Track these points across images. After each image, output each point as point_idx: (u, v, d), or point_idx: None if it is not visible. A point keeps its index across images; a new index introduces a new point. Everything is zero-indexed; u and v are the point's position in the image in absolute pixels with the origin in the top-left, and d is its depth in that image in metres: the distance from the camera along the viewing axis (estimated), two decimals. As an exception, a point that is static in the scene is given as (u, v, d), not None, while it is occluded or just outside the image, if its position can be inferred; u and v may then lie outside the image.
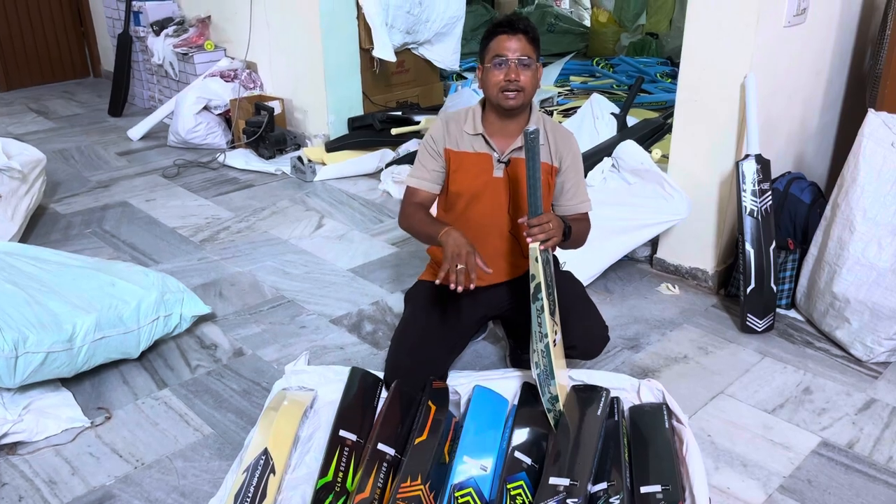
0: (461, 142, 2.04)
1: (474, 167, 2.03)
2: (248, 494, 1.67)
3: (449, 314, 2.10)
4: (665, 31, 6.52)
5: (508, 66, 1.90)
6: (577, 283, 2.20)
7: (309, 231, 3.35)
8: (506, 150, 2.01)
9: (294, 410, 1.96)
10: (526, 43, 1.92)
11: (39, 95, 5.80)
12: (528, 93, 1.94)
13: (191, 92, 4.40)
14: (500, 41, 1.92)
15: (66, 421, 2.07)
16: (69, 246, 3.15)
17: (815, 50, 2.77)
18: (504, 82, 1.91)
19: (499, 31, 1.93)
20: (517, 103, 1.94)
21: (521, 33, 1.91)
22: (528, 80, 1.92)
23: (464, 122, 2.05)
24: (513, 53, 1.90)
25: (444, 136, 2.05)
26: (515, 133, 2.01)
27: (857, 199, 2.32)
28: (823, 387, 2.23)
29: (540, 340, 1.84)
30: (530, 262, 1.82)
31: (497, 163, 2.02)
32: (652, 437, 1.83)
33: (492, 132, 2.02)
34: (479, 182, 2.03)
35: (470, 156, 2.03)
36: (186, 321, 2.46)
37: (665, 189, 2.72)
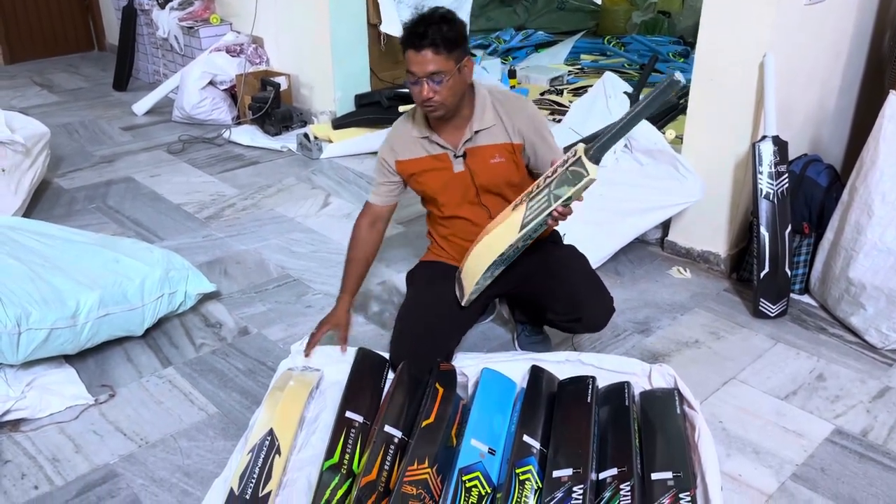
0: (413, 148, 1.99)
1: (433, 168, 1.99)
2: (252, 475, 1.65)
3: (451, 293, 2.07)
4: (678, 10, 6.42)
5: (421, 85, 1.80)
6: (580, 256, 2.14)
7: (315, 209, 3.31)
8: (459, 144, 1.95)
9: (300, 391, 1.93)
10: (435, 56, 1.77)
11: (43, 69, 5.74)
12: (449, 104, 1.85)
13: (196, 66, 4.34)
14: (409, 57, 1.80)
15: (70, 398, 2.05)
16: (73, 221, 3.12)
17: (834, 30, 2.71)
18: (421, 99, 1.83)
19: (408, 44, 1.79)
20: (440, 115, 1.87)
21: (427, 48, 1.76)
22: (445, 92, 1.81)
23: (410, 127, 1.99)
24: (422, 71, 1.78)
25: (391, 152, 2.02)
26: (463, 125, 1.94)
27: (875, 182, 2.27)
28: (837, 374, 2.20)
29: (522, 239, 1.81)
30: (578, 188, 1.69)
31: (454, 158, 1.97)
32: (663, 423, 1.80)
33: (440, 130, 1.96)
34: (442, 182, 2.00)
35: (425, 159, 1.99)
36: (191, 299, 2.43)
37: (678, 170, 2.67)
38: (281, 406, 1.84)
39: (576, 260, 2.10)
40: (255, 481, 1.64)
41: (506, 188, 1.99)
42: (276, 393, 1.90)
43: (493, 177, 1.97)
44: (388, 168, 2.04)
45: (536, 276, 2.05)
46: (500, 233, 1.86)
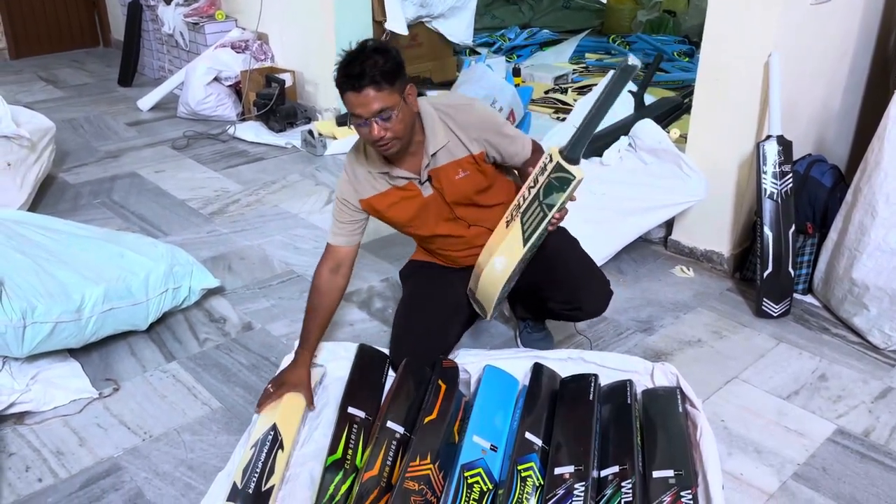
0: (375, 184, 1.92)
1: (402, 199, 1.93)
2: (255, 469, 1.66)
3: (445, 288, 2.07)
4: (683, 9, 6.41)
5: (370, 126, 1.71)
6: (572, 241, 2.13)
7: (319, 206, 3.32)
8: (421, 169, 1.88)
9: None
10: (378, 93, 1.67)
11: (48, 64, 5.76)
12: (403, 135, 1.76)
13: (201, 63, 4.35)
14: (348, 100, 1.70)
15: (74, 392, 2.06)
16: (78, 216, 3.13)
17: (840, 30, 2.70)
18: (373, 140, 1.74)
19: (346, 86, 1.69)
20: (395, 150, 1.79)
21: (367, 87, 1.66)
22: (396, 127, 1.73)
23: (364, 163, 1.91)
24: (367, 111, 1.68)
25: (353, 192, 1.93)
26: (418, 152, 1.87)
27: (880, 183, 2.27)
28: (839, 374, 2.20)
29: (529, 251, 1.81)
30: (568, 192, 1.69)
31: (420, 185, 1.91)
32: (665, 421, 1.80)
33: (398, 163, 1.88)
34: (415, 209, 1.94)
35: (391, 192, 1.92)
36: (195, 294, 2.44)
37: (682, 169, 2.67)
38: (284, 401, 1.85)
39: (568, 246, 2.08)
40: (259, 475, 1.65)
41: (476, 196, 1.96)
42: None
43: (463, 191, 1.93)
44: (350, 206, 1.95)
45: (532, 269, 2.04)
46: (505, 252, 1.86)
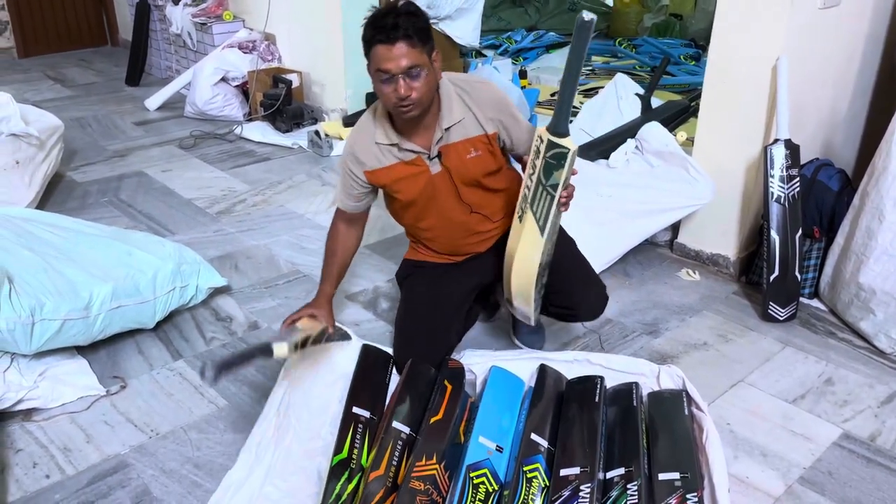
0: (382, 157, 1.88)
1: (409, 175, 1.89)
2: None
3: (442, 288, 2.07)
4: (689, 13, 6.41)
5: (396, 83, 1.68)
6: (569, 242, 2.12)
7: (325, 206, 3.33)
8: (431, 145, 1.86)
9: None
10: (410, 49, 1.65)
11: (56, 63, 5.78)
12: (425, 98, 1.73)
13: (208, 63, 4.37)
14: (379, 53, 1.67)
15: (82, 389, 2.07)
16: (86, 214, 3.14)
17: (848, 34, 2.70)
18: (396, 99, 1.70)
19: (375, 40, 1.67)
20: (417, 114, 1.75)
21: (400, 40, 1.64)
22: (421, 87, 1.70)
23: (373, 134, 1.87)
24: (396, 66, 1.66)
25: (358, 162, 1.90)
26: (432, 124, 1.84)
27: (887, 187, 2.27)
28: (846, 378, 2.19)
29: (549, 240, 1.82)
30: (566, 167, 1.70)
31: (430, 160, 1.88)
32: (671, 423, 1.80)
33: (409, 135, 1.85)
34: (421, 186, 1.91)
35: (398, 167, 1.89)
36: (202, 293, 2.45)
37: (689, 172, 2.67)
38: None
39: (566, 251, 2.07)
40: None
41: (484, 178, 1.93)
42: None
43: (471, 172, 1.90)
44: (356, 179, 1.92)
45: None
46: (526, 247, 1.86)
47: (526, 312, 2.01)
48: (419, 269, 2.13)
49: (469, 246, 2.06)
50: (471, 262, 2.10)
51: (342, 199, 2.00)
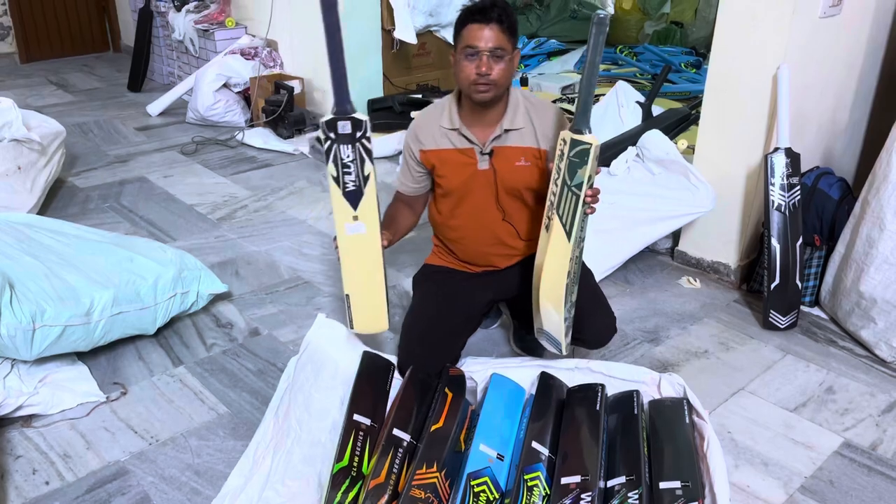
0: (439, 139, 1.97)
1: (458, 162, 1.96)
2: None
3: (457, 298, 2.08)
4: (690, 21, 6.42)
5: (480, 59, 1.79)
6: (586, 273, 2.15)
7: (326, 212, 3.33)
8: (487, 141, 1.93)
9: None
10: (499, 33, 1.78)
11: (58, 68, 5.80)
12: (501, 85, 1.84)
13: (210, 69, 4.38)
14: (471, 31, 1.79)
15: (82, 395, 2.07)
16: (87, 220, 3.14)
17: (849, 43, 2.71)
18: (475, 75, 1.80)
19: (471, 20, 1.79)
20: (489, 97, 1.84)
21: (494, 22, 1.78)
22: (500, 72, 1.81)
23: (439, 117, 1.97)
24: (485, 44, 1.78)
25: (417, 141, 2.00)
26: (494, 122, 1.93)
27: (888, 196, 2.27)
28: (846, 387, 2.19)
29: (577, 245, 1.83)
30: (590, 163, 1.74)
31: (480, 155, 1.95)
32: (672, 432, 1.80)
33: (470, 124, 1.94)
34: (465, 177, 1.97)
35: (450, 152, 1.96)
36: (203, 299, 2.45)
37: (690, 180, 2.67)
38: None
39: (583, 279, 2.08)
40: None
41: (526, 192, 1.98)
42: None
43: (516, 179, 1.96)
44: (413, 157, 2.02)
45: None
46: (554, 255, 1.86)
47: (556, 339, 1.99)
48: (438, 273, 2.14)
49: (492, 256, 2.08)
50: (489, 276, 2.12)
51: (401, 181, 2.10)
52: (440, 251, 2.19)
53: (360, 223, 1.85)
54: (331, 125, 1.79)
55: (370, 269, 1.91)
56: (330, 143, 1.81)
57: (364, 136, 1.80)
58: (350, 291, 1.93)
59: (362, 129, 1.79)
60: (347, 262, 1.90)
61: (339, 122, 1.79)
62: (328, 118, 1.79)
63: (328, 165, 1.82)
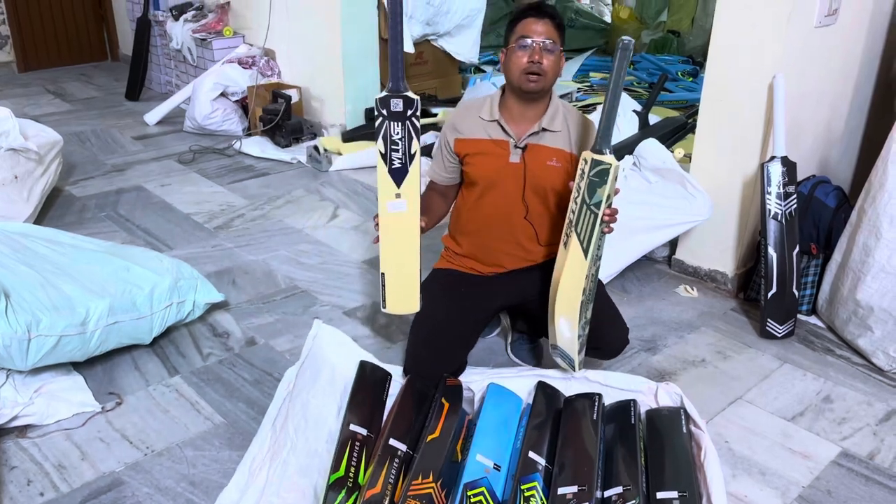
0: (475, 129, 2.04)
1: (490, 153, 2.02)
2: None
3: (466, 304, 2.09)
4: (687, 30, 6.45)
5: (533, 49, 1.89)
6: (600, 283, 2.18)
7: (324, 221, 3.33)
8: (522, 136, 2.00)
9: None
10: (552, 28, 1.91)
11: (56, 77, 5.80)
12: (549, 78, 1.93)
13: (208, 78, 4.38)
14: (526, 24, 1.91)
15: (77, 405, 2.06)
16: (84, 229, 3.14)
17: (844, 52, 2.72)
18: (527, 64, 1.90)
19: (526, 14, 1.93)
20: (538, 87, 1.93)
21: (548, 17, 1.91)
22: (550, 64, 1.91)
23: (480, 109, 2.04)
24: (538, 36, 1.89)
25: (453, 129, 2.06)
26: (533, 119, 2.00)
27: (884, 205, 2.27)
28: (844, 396, 2.19)
29: (594, 264, 1.87)
30: (609, 183, 1.81)
31: (514, 148, 2.00)
32: (669, 441, 1.80)
33: (509, 118, 2.01)
34: (496, 167, 2.02)
35: (485, 142, 2.03)
36: (199, 308, 2.44)
37: (687, 189, 2.68)
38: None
39: (597, 290, 2.12)
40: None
41: (551, 193, 2.02)
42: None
43: (545, 178, 2.00)
44: (447, 146, 2.07)
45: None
46: (570, 272, 1.90)
47: (569, 356, 2.01)
48: (447, 278, 2.16)
49: (506, 257, 2.11)
50: (497, 281, 2.13)
51: (434, 170, 2.15)
52: (449, 255, 2.21)
53: (402, 201, 1.88)
54: (384, 102, 1.83)
55: (408, 248, 1.93)
56: (381, 119, 1.85)
57: (414, 115, 1.85)
58: (386, 269, 1.95)
59: (413, 107, 1.84)
60: (386, 240, 1.92)
61: (392, 99, 1.83)
62: (382, 95, 1.84)
63: (377, 142, 1.86)
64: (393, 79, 1.84)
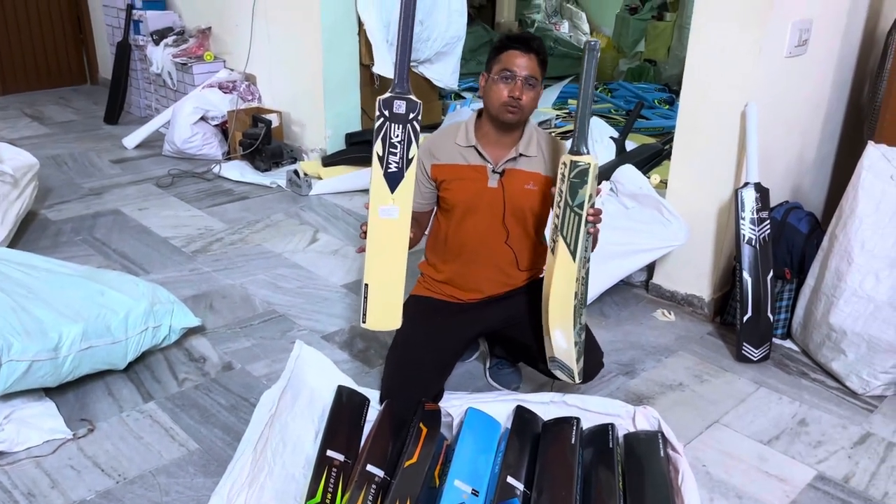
0: (452, 155, 2.04)
1: (468, 178, 2.03)
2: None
3: (443, 333, 2.08)
4: (663, 59, 6.58)
5: (515, 83, 1.91)
6: None
7: (303, 245, 3.32)
8: (499, 161, 2.01)
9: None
10: (536, 64, 1.92)
11: (35, 101, 5.77)
12: (527, 112, 1.96)
13: (188, 102, 4.38)
14: (511, 56, 1.92)
15: (48, 432, 2.02)
16: (59, 253, 3.10)
17: (814, 81, 2.78)
18: (507, 97, 1.91)
19: (512, 46, 1.93)
20: (515, 119, 1.95)
21: (533, 53, 1.92)
22: (529, 99, 1.93)
23: (455, 134, 2.05)
24: (521, 71, 1.91)
25: (429, 154, 2.07)
26: (509, 144, 2.01)
27: (855, 230, 2.32)
28: (819, 419, 2.21)
29: (583, 266, 1.87)
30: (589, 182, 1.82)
31: (492, 173, 2.01)
32: (647, 465, 1.80)
33: (486, 143, 2.02)
34: (474, 192, 2.03)
35: (462, 167, 2.03)
36: (175, 333, 2.42)
37: (663, 214, 2.71)
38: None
39: None
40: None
41: (530, 215, 2.04)
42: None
43: (524, 202, 2.02)
44: (423, 172, 2.07)
45: (530, 326, 2.07)
46: (561, 277, 1.90)
47: (568, 366, 2.00)
48: (424, 306, 2.14)
49: (486, 282, 2.10)
50: (475, 309, 2.13)
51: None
52: (427, 281, 2.20)
53: (394, 207, 1.86)
54: (387, 103, 1.83)
55: (395, 258, 1.90)
56: (382, 121, 1.84)
57: (416, 118, 1.85)
58: (370, 280, 1.90)
59: (416, 110, 1.85)
60: (373, 249, 1.89)
61: (395, 101, 1.83)
62: (385, 96, 1.83)
63: (375, 144, 1.85)
64: (399, 80, 1.83)
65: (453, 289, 2.14)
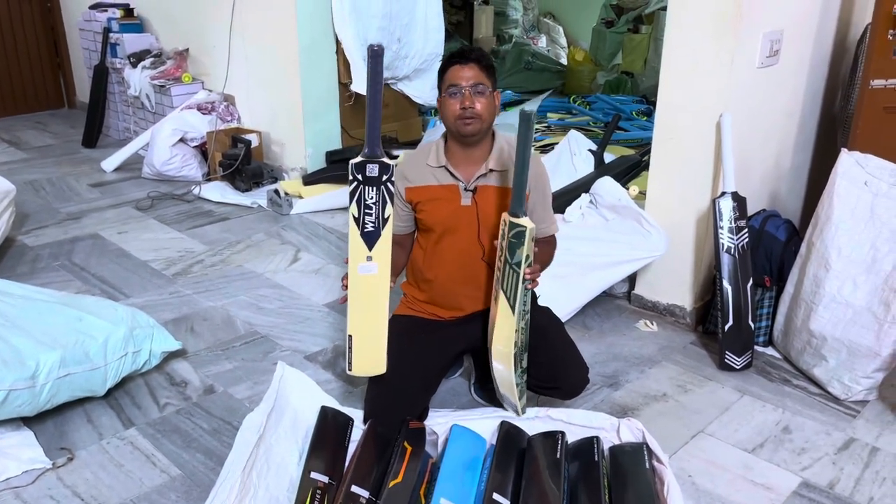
0: (424, 176, 2.05)
1: (441, 198, 2.04)
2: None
3: (427, 350, 2.08)
4: (640, 71, 6.64)
5: (463, 95, 1.92)
6: (558, 323, 2.21)
7: (284, 265, 3.30)
8: (471, 179, 2.02)
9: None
10: (479, 71, 1.94)
11: (11, 126, 5.72)
12: (485, 119, 1.96)
13: (167, 124, 4.36)
14: (453, 71, 1.94)
15: (27, 462, 1.98)
16: (36, 279, 3.07)
17: (787, 91, 2.82)
18: (460, 111, 1.92)
19: (452, 62, 1.96)
20: (475, 129, 1.95)
21: (472, 61, 1.94)
22: (483, 106, 1.94)
23: (426, 156, 2.06)
24: (466, 81, 1.92)
25: (402, 178, 2.07)
26: (479, 160, 2.02)
27: (831, 237, 2.34)
28: (802, 426, 2.22)
29: (521, 318, 1.90)
30: (526, 243, 1.84)
31: (464, 191, 2.02)
32: (632, 477, 1.79)
33: (456, 163, 2.03)
34: (448, 212, 2.04)
35: (434, 188, 2.04)
36: (156, 357, 2.39)
37: (643, 225, 2.72)
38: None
39: (554, 328, 2.16)
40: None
41: None
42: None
43: (496, 218, 2.01)
44: (399, 197, 2.08)
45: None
46: (501, 327, 1.95)
47: (512, 401, 2.06)
48: (407, 326, 2.14)
49: (466, 300, 2.11)
50: (457, 326, 2.13)
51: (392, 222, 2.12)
52: (409, 301, 2.20)
53: (373, 264, 1.89)
54: (360, 167, 1.85)
55: (376, 310, 1.92)
56: (356, 184, 1.86)
57: (389, 180, 1.86)
58: (354, 332, 1.94)
59: (388, 172, 1.86)
60: (355, 303, 1.91)
61: (368, 164, 1.84)
62: (358, 160, 1.85)
63: (350, 206, 1.86)
64: (370, 144, 1.85)
65: (435, 307, 2.14)
